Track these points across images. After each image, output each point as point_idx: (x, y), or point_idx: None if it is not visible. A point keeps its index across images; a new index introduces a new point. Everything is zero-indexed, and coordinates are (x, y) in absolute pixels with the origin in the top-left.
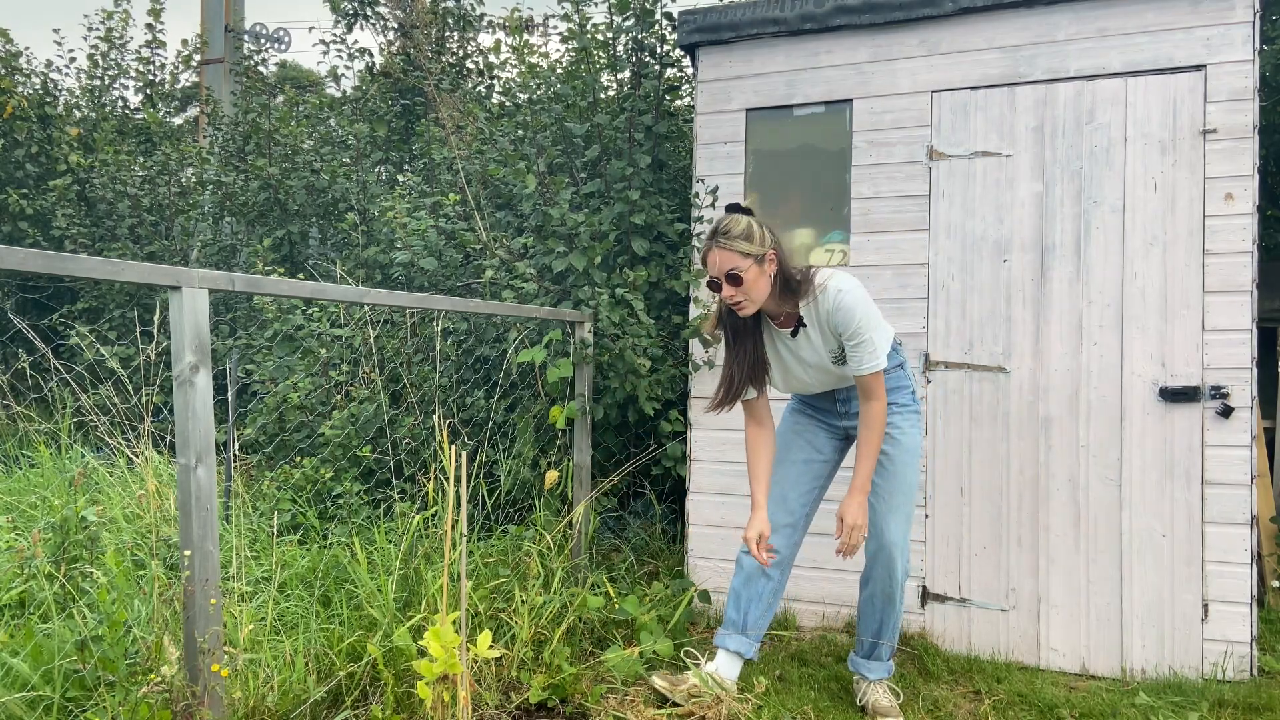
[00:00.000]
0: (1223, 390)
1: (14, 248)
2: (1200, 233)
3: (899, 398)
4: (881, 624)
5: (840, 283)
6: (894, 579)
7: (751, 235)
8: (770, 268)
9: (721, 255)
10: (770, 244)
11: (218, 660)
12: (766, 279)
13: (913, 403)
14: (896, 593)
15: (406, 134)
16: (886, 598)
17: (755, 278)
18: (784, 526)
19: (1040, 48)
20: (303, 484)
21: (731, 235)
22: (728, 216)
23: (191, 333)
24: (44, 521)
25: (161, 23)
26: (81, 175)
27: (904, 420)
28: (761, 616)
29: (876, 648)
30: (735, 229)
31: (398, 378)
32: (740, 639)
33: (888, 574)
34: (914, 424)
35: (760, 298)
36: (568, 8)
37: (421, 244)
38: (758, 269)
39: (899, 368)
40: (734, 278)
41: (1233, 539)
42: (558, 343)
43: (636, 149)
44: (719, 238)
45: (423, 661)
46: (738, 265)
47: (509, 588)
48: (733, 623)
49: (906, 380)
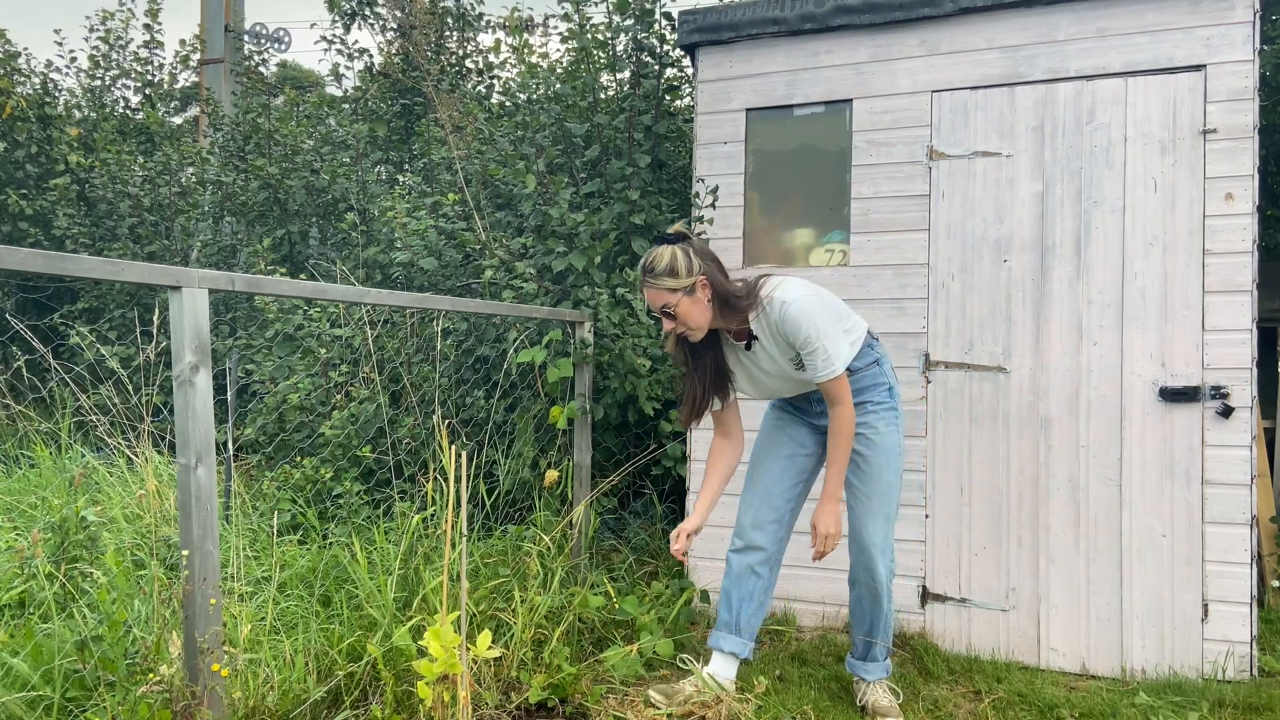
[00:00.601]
0: (1223, 390)
1: (14, 248)
2: (1200, 233)
3: (874, 396)
4: (872, 624)
5: (786, 293)
6: (877, 579)
7: (676, 269)
8: (704, 293)
9: (650, 294)
10: (699, 271)
11: (218, 660)
12: (702, 305)
13: (889, 400)
14: (882, 592)
15: (406, 134)
16: (873, 597)
17: (689, 308)
18: (770, 523)
19: (1040, 48)
20: (303, 484)
21: (655, 274)
22: (653, 251)
23: (191, 333)
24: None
25: (159, 23)
26: (81, 175)
27: (879, 420)
28: (754, 615)
29: (870, 648)
30: (658, 266)
31: (398, 378)
32: (734, 639)
33: (870, 575)
34: (891, 422)
35: (702, 323)
36: (568, 8)
37: (421, 244)
38: (689, 299)
39: (874, 364)
40: (667, 313)
41: (1233, 539)
42: (558, 343)
43: (636, 149)
44: (645, 276)
45: (423, 661)
46: (667, 301)
47: (509, 588)
48: (726, 624)
49: (882, 377)
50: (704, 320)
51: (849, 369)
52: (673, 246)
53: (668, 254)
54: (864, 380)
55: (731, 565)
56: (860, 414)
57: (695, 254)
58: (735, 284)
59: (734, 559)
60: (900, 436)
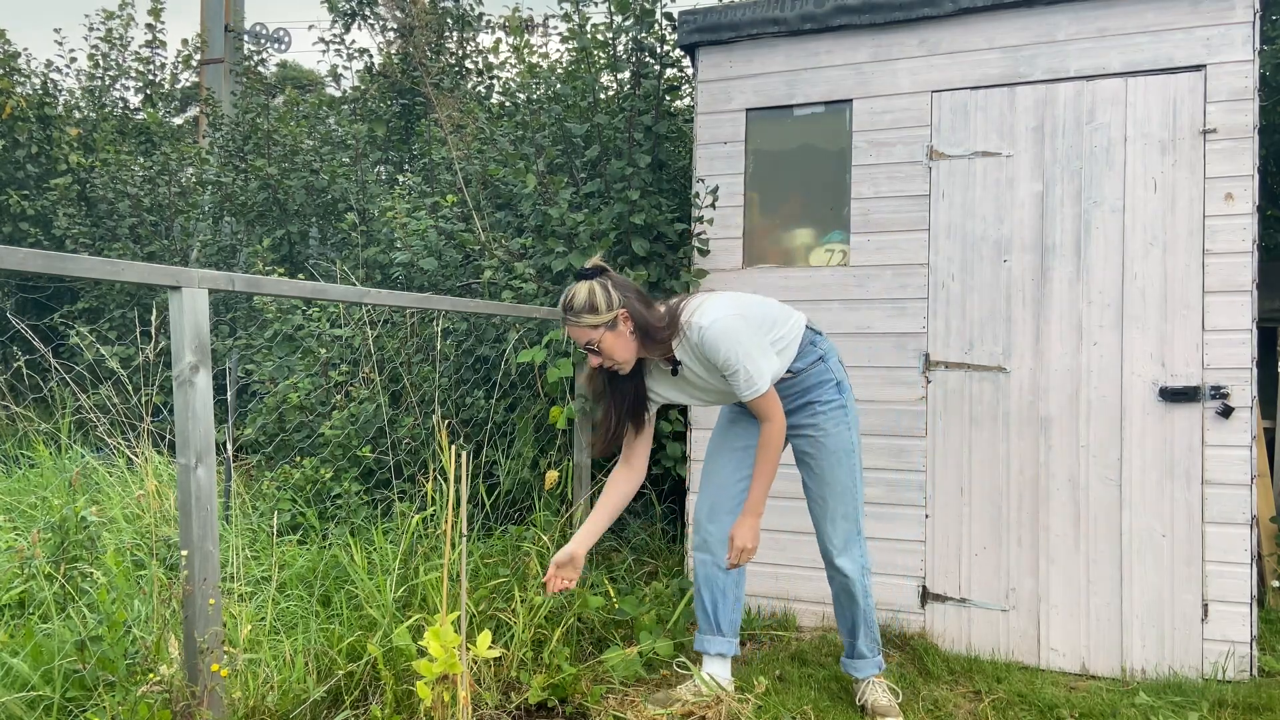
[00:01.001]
0: (1223, 390)
1: (14, 248)
2: (1200, 233)
3: (821, 395)
4: (852, 622)
5: (704, 316)
6: (846, 579)
7: (596, 305)
8: (625, 326)
9: (572, 331)
10: (619, 305)
11: (217, 660)
12: (625, 338)
13: (838, 397)
14: (855, 591)
15: (406, 134)
16: (847, 596)
17: (612, 342)
18: (726, 514)
19: (1040, 48)
20: (302, 484)
21: (575, 311)
22: (570, 288)
23: (191, 333)
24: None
25: (162, 22)
26: (82, 175)
27: (827, 420)
28: (731, 610)
29: (855, 646)
30: (576, 303)
31: (398, 378)
32: (719, 640)
33: (839, 575)
34: (840, 421)
35: (627, 356)
36: (567, 8)
37: (421, 244)
38: (612, 334)
39: (819, 361)
40: (592, 350)
41: (1233, 539)
42: (557, 343)
43: (636, 149)
44: (565, 314)
45: (422, 661)
46: (589, 338)
47: (508, 588)
48: (706, 626)
49: (828, 374)
50: (629, 353)
51: (792, 370)
52: (590, 282)
53: (585, 290)
54: (809, 379)
55: (696, 564)
56: (809, 415)
57: (614, 287)
58: (656, 312)
59: (697, 556)
60: (852, 434)
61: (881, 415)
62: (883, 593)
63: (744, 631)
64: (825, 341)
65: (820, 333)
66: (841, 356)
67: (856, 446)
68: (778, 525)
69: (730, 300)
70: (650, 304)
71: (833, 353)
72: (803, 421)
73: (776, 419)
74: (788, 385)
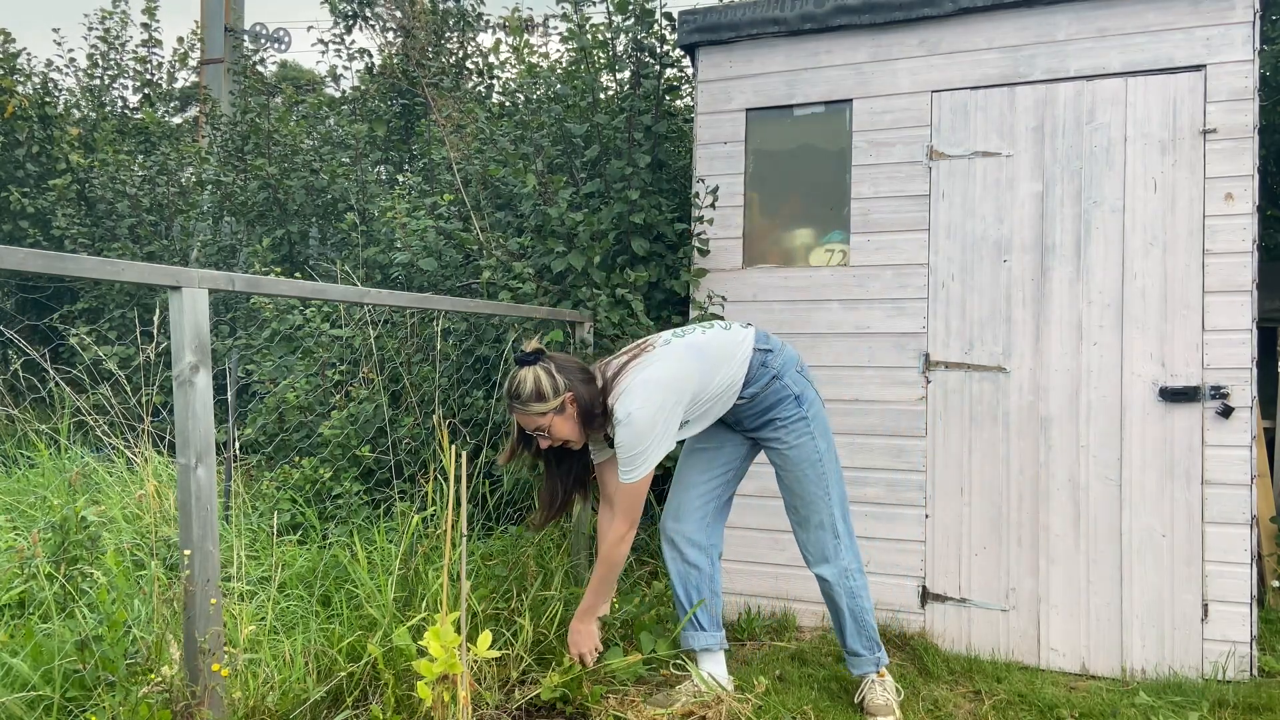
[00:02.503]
0: (1223, 390)
1: (14, 248)
2: (1200, 233)
3: (780, 412)
4: (841, 622)
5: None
6: (828, 583)
7: (543, 393)
8: (572, 409)
9: (521, 419)
10: (564, 389)
11: (218, 660)
12: (572, 420)
13: (798, 410)
14: (837, 594)
15: (406, 134)
16: (830, 600)
17: (561, 425)
18: (692, 511)
19: (1040, 48)
20: (302, 484)
21: (523, 400)
22: (517, 375)
23: (191, 333)
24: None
25: (157, 21)
26: (81, 175)
27: (788, 433)
28: (710, 603)
29: (848, 644)
30: (524, 392)
31: (398, 378)
32: (702, 635)
33: (820, 580)
34: (803, 433)
35: (577, 435)
36: (567, 8)
37: (421, 244)
38: (560, 417)
39: (773, 380)
40: (541, 434)
41: (1233, 539)
42: (558, 343)
43: (636, 149)
44: (513, 403)
45: (423, 661)
46: (539, 424)
47: (509, 588)
48: (691, 622)
49: (784, 390)
50: (577, 431)
51: (745, 396)
52: (533, 368)
53: (530, 377)
54: (766, 399)
55: (667, 564)
56: (771, 430)
57: (558, 371)
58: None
59: (667, 553)
60: (817, 442)
61: (881, 415)
62: (883, 593)
63: (744, 631)
64: (779, 358)
65: (773, 349)
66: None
67: (825, 455)
68: (777, 525)
69: (654, 378)
70: (591, 380)
71: (789, 366)
72: (766, 436)
73: (624, 524)
74: (745, 408)
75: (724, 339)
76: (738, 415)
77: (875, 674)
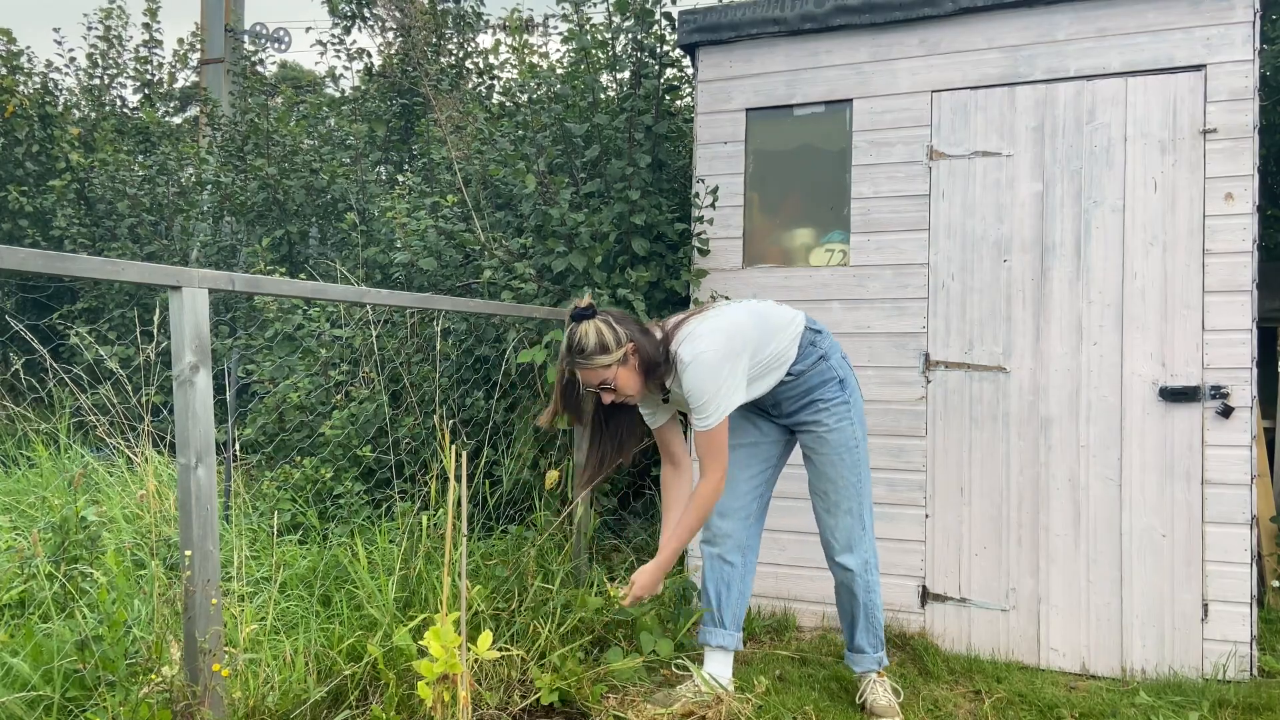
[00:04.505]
0: (1223, 390)
1: (14, 248)
2: (1200, 233)
3: (824, 393)
4: (852, 617)
5: (687, 350)
6: (847, 573)
7: (606, 344)
8: (634, 360)
9: (585, 374)
10: (625, 339)
11: (218, 660)
12: (633, 370)
13: (840, 394)
14: (856, 586)
15: (406, 134)
16: (848, 591)
17: (625, 376)
18: (735, 509)
19: (1040, 48)
20: (303, 484)
21: (587, 354)
22: (577, 330)
23: (191, 333)
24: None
25: (158, 21)
26: (81, 175)
27: (830, 416)
28: (736, 604)
29: (854, 639)
30: (589, 345)
31: (398, 378)
32: (721, 633)
33: (840, 570)
34: (843, 416)
35: (639, 387)
36: (567, 8)
37: (421, 244)
38: (623, 368)
39: (820, 360)
40: (607, 388)
41: (1233, 539)
42: (558, 343)
43: (636, 149)
44: (577, 358)
45: (423, 661)
46: (604, 378)
47: (509, 588)
48: (710, 617)
49: (830, 373)
50: (639, 383)
51: (793, 372)
52: (593, 321)
53: (593, 330)
54: (811, 380)
55: (704, 556)
56: (812, 411)
57: (617, 323)
58: (654, 340)
59: (704, 549)
60: (856, 428)
61: (881, 415)
62: (883, 592)
63: (744, 631)
64: (827, 340)
65: (822, 330)
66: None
67: (861, 443)
68: (778, 525)
69: (720, 325)
70: (648, 332)
71: (835, 350)
72: (806, 418)
73: (714, 474)
74: (790, 387)
75: (780, 311)
76: (779, 396)
77: (876, 674)
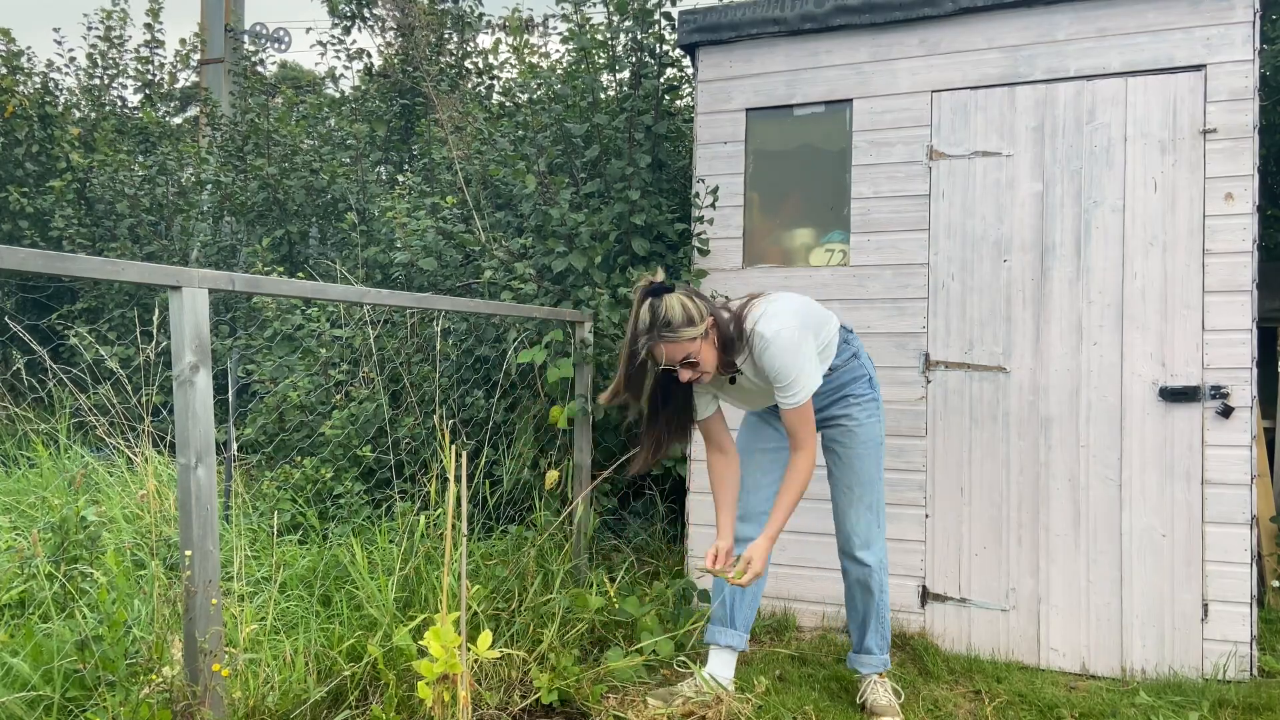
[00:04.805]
0: (1223, 390)
1: (14, 248)
2: (1200, 233)
3: (855, 389)
4: (864, 616)
5: (768, 326)
6: (864, 569)
7: (692, 317)
8: (713, 334)
9: (670, 349)
10: (707, 311)
11: (218, 660)
12: (712, 345)
13: (870, 391)
14: (872, 584)
15: (406, 134)
16: (863, 589)
17: (708, 352)
18: (758, 514)
19: (1040, 48)
20: (303, 484)
21: (674, 327)
22: (660, 304)
23: (191, 333)
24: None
25: (160, 22)
26: (81, 175)
27: (860, 410)
28: (748, 607)
29: (864, 640)
30: (675, 317)
31: (398, 378)
32: (730, 633)
33: (861, 565)
34: (872, 413)
35: (715, 363)
36: (567, 8)
37: (421, 244)
38: (706, 343)
39: (853, 358)
40: (690, 364)
41: (1233, 539)
42: (558, 343)
43: (636, 149)
44: (663, 332)
45: (423, 661)
46: (689, 351)
47: (509, 588)
48: (720, 618)
49: (861, 370)
50: (715, 360)
51: (831, 366)
52: (675, 294)
53: (677, 303)
54: (845, 375)
55: None
56: (843, 406)
57: (697, 296)
58: (724, 317)
59: None
60: (880, 427)
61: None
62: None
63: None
64: (856, 339)
65: (851, 330)
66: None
67: (882, 440)
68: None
69: (790, 307)
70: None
71: (862, 350)
72: (837, 412)
73: (809, 446)
74: (825, 381)
75: (820, 307)
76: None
77: (877, 675)
